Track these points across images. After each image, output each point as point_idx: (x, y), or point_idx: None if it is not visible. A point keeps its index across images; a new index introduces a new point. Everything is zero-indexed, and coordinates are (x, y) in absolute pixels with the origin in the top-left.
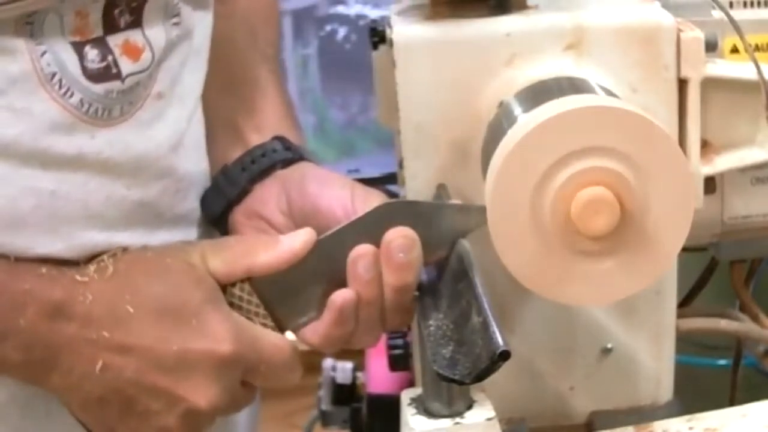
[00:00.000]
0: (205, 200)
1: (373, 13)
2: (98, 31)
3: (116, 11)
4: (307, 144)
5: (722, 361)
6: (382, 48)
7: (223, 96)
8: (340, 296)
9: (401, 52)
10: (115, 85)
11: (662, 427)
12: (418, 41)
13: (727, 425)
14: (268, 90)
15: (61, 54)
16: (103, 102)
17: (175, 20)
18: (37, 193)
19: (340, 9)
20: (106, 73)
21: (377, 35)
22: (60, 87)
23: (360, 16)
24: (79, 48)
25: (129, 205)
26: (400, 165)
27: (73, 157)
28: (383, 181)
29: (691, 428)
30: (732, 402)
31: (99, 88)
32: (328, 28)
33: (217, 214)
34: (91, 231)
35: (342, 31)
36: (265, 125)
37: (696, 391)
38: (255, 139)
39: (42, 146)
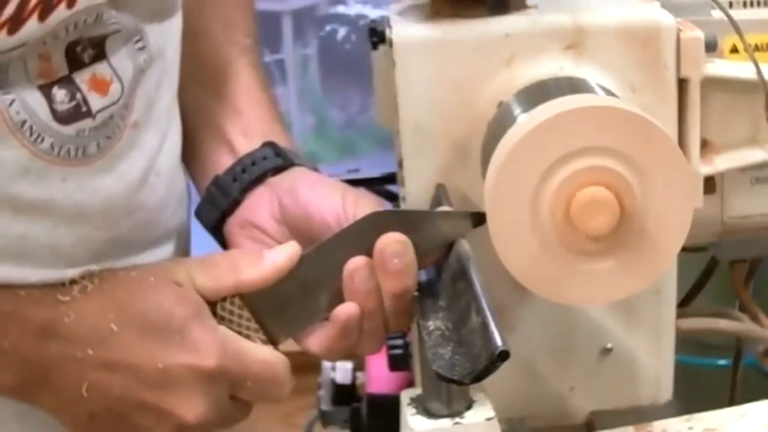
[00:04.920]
0: (199, 212)
1: (373, 13)
2: (63, 70)
3: (78, 48)
4: (301, 144)
5: (722, 361)
6: (382, 48)
7: (204, 96)
8: (344, 312)
9: (401, 53)
10: (86, 123)
11: (662, 427)
12: (417, 41)
13: (726, 425)
14: (249, 87)
15: (29, 100)
16: (74, 142)
17: (139, 45)
18: (7, 236)
19: (340, 9)
20: (77, 113)
21: (377, 35)
22: (30, 134)
23: (360, 16)
24: (46, 91)
25: (98, 244)
26: (400, 165)
27: (44, 203)
28: (383, 181)
29: (690, 428)
30: (731, 402)
31: (70, 129)
32: (328, 28)
33: (212, 226)
34: (61, 268)
35: (342, 31)
36: (251, 129)
37: (696, 391)
38: (243, 144)
39: (13, 193)
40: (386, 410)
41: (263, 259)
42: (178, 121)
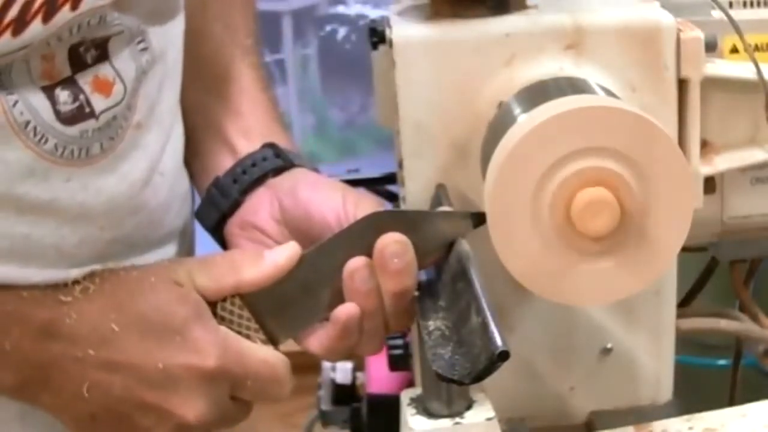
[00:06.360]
0: (200, 213)
1: (373, 13)
2: (66, 72)
3: (81, 49)
4: (300, 144)
5: (722, 361)
6: (382, 48)
7: (205, 96)
8: (344, 312)
9: (401, 53)
10: (90, 124)
11: (662, 426)
12: (417, 41)
13: (726, 425)
14: (251, 88)
15: (33, 101)
16: (78, 143)
17: (142, 45)
18: (11, 236)
19: (340, 9)
20: (80, 114)
21: (377, 35)
22: (35, 134)
23: (360, 16)
24: (49, 92)
25: (102, 244)
26: (400, 165)
27: (48, 203)
28: (383, 181)
29: (690, 428)
30: (732, 402)
31: (73, 130)
32: (328, 28)
33: (212, 227)
34: (64, 268)
35: (342, 31)
36: (252, 129)
37: (696, 391)
38: (243, 145)
39: (17, 193)
40: (386, 410)
41: (264, 258)
42: (180, 122)
